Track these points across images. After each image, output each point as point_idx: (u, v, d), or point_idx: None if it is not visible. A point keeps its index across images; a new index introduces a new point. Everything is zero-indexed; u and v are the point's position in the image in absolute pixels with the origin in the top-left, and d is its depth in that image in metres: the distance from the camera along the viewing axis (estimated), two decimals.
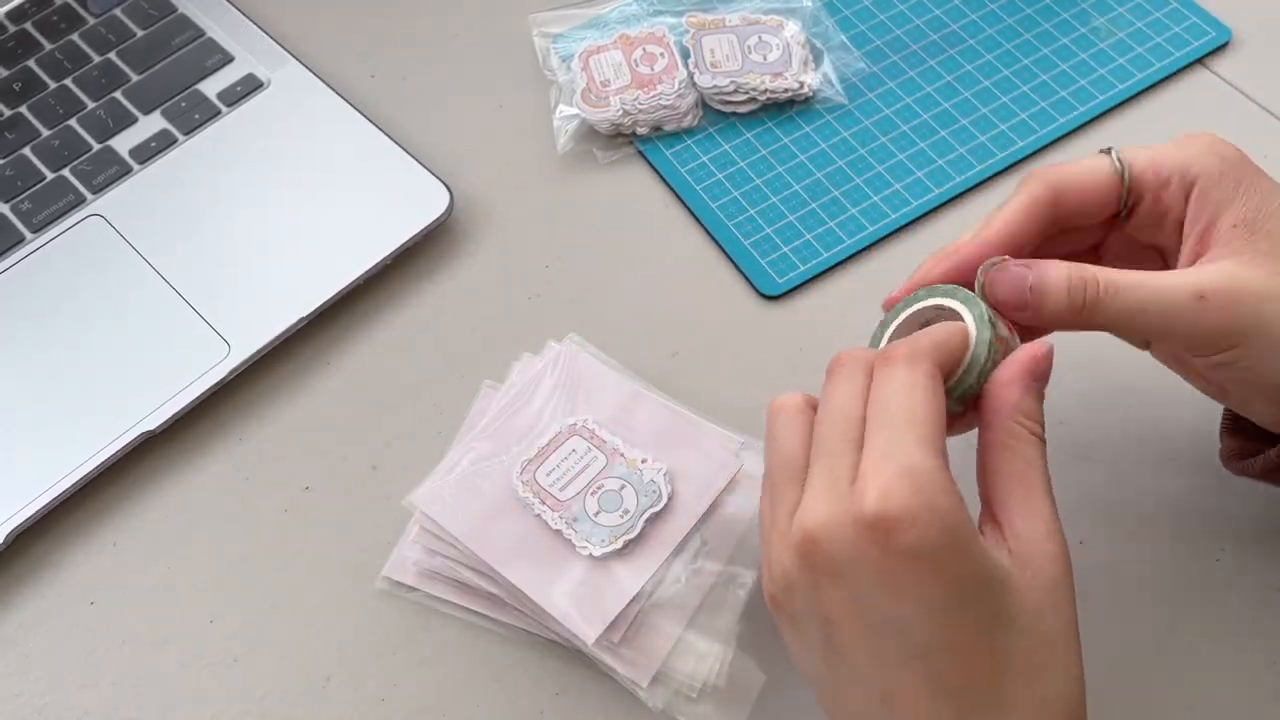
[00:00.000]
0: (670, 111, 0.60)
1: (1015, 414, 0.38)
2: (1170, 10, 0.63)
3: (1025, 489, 0.37)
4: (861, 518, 0.34)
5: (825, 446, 0.37)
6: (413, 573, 0.49)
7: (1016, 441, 0.38)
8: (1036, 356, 0.39)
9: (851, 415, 0.37)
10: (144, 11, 0.65)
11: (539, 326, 0.55)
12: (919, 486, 0.34)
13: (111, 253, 0.57)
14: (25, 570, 0.51)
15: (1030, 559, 0.36)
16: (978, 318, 0.40)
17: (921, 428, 0.36)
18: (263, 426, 0.54)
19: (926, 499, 0.34)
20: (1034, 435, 0.38)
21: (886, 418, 0.36)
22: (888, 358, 0.38)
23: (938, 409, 0.37)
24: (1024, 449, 0.38)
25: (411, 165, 0.59)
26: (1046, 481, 0.38)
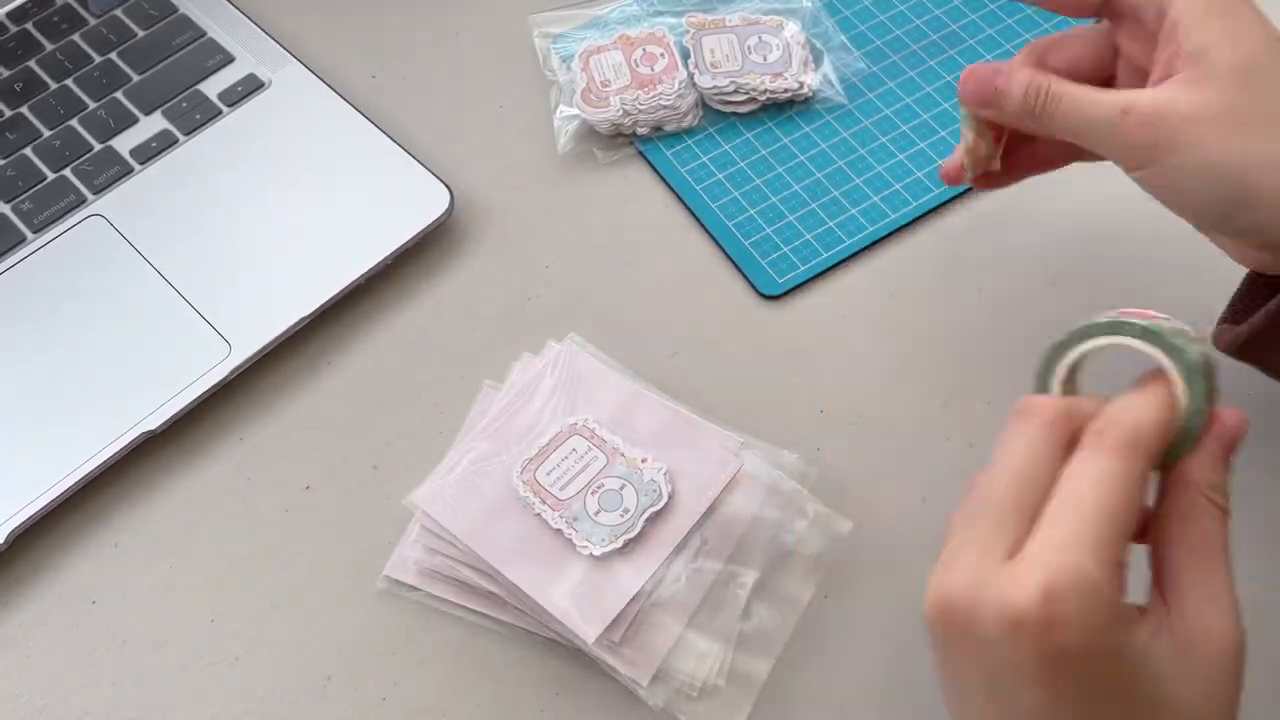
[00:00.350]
0: (670, 112, 0.60)
1: (1200, 484, 0.36)
2: None
3: (1202, 565, 0.35)
4: (1018, 609, 0.32)
5: (992, 505, 0.35)
6: (413, 572, 0.49)
7: (1199, 514, 0.35)
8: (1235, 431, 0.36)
9: (1031, 480, 0.35)
10: (145, 12, 0.65)
11: (539, 326, 0.55)
12: (1085, 589, 0.32)
13: (112, 253, 0.57)
14: (26, 570, 0.51)
15: (1195, 645, 0.34)
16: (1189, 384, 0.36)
17: (1109, 528, 0.33)
18: (263, 426, 0.54)
19: (1090, 605, 0.32)
20: (1219, 508, 0.36)
21: (1074, 505, 0.34)
22: (1100, 440, 0.35)
23: (1130, 511, 0.34)
24: (1206, 523, 0.35)
25: (411, 165, 0.59)
26: (1226, 562, 0.35)
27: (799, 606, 0.48)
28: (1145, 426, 0.35)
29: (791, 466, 0.50)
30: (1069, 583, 0.32)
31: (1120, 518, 0.33)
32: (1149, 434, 0.35)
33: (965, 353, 0.54)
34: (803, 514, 0.49)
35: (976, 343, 0.54)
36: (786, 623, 0.48)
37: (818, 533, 0.49)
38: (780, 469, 0.49)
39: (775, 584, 0.48)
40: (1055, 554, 0.33)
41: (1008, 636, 0.33)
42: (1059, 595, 0.32)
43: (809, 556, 0.49)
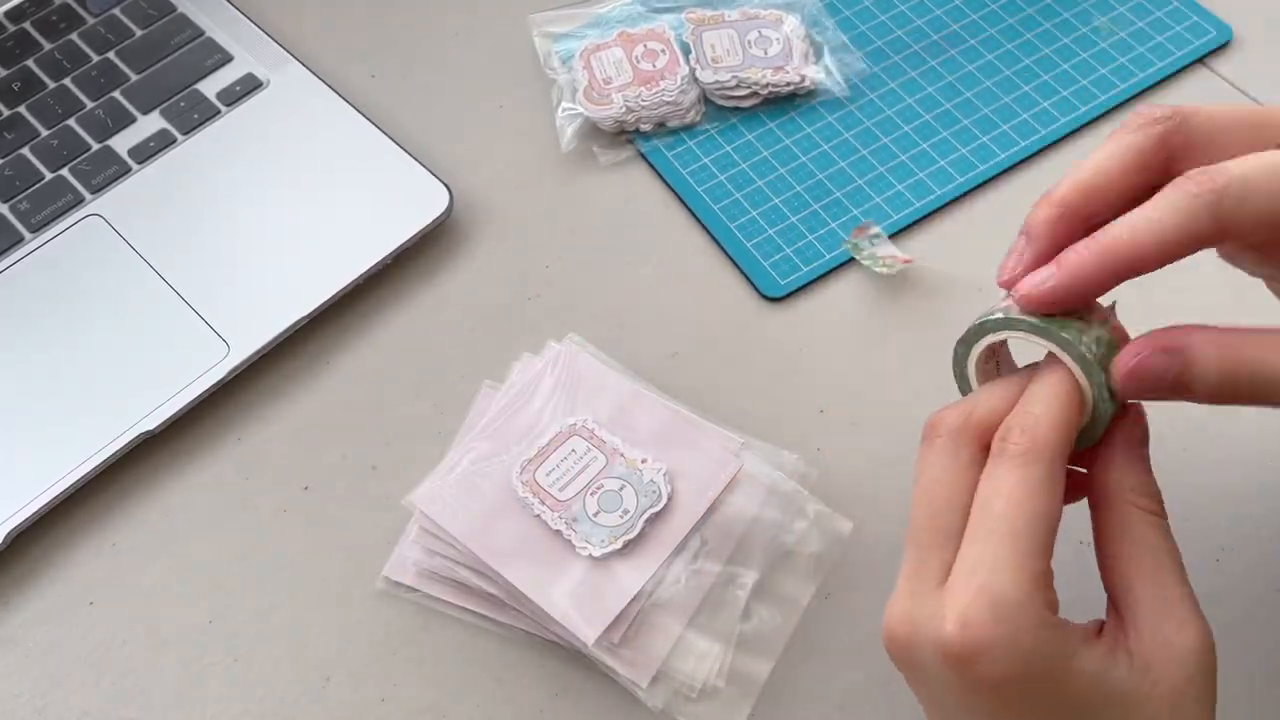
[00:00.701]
0: (673, 108, 0.60)
1: (1124, 494, 0.35)
2: (1171, 9, 0.63)
3: (1148, 577, 0.34)
4: (940, 640, 0.32)
5: (916, 534, 0.35)
6: (412, 573, 0.49)
7: (1132, 525, 0.34)
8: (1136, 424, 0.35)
9: (945, 501, 0.34)
10: (143, 11, 0.65)
11: (539, 326, 0.55)
12: (1004, 617, 0.32)
13: (111, 253, 0.57)
14: (25, 570, 0.51)
15: (1154, 662, 0.33)
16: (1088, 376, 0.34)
17: (1022, 543, 0.32)
18: (262, 427, 0.54)
19: (1008, 631, 0.32)
20: (1150, 513, 0.35)
21: (987, 524, 0.33)
22: (1003, 450, 0.34)
23: (1048, 516, 0.33)
24: (1141, 531, 0.34)
25: (411, 165, 0.59)
26: (1174, 565, 0.34)
27: (799, 606, 0.48)
28: (1044, 428, 0.34)
29: (791, 466, 0.50)
30: (984, 609, 0.32)
31: (1034, 529, 0.33)
32: (1049, 435, 0.34)
33: None
34: (803, 514, 0.49)
35: None
36: (786, 623, 0.48)
37: (818, 533, 0.49)
38: (780, 469, 0.49)
39: (775, 584, 0.48)
40: (970, 579, 0.32)
41: (941, 667, 0.33)
42: (975, 622, 0.32)
43: (809, 556, 0.49)
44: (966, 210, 0.58)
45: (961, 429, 0.35)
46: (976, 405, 0.36)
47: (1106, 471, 0.35)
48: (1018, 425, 0.34)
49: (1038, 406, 0.35)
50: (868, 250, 0.56)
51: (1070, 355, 0.35)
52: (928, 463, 0.36)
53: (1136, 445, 0.35)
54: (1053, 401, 0.34)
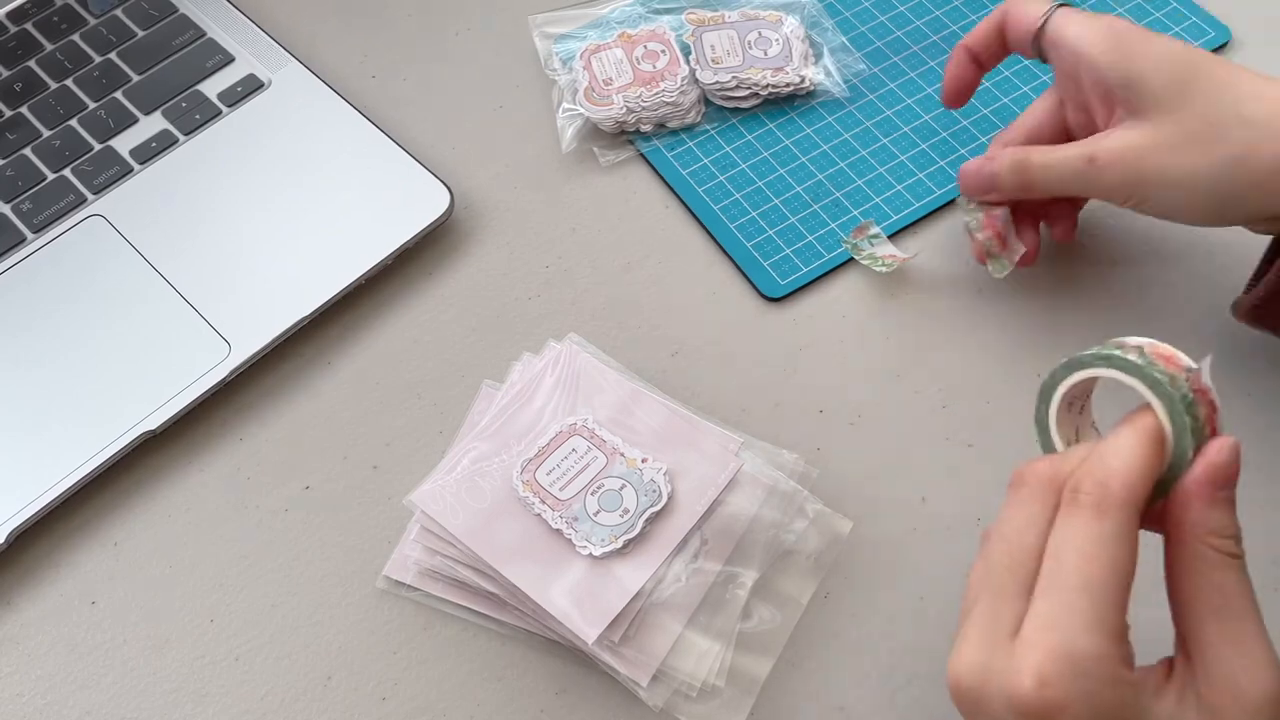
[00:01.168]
0: (673, 108, 0.60)
1: (1202, 534, 0.34)
2: (1170, 10, 0.63)
3: (1219, 620, 0.33)
4: (1014, 696, 0.32)
5: (993, 581, 0.35)
6: (413, 572, 0.49)
7: (1206, 566, 0.34)
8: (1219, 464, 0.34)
9: (1025, 551, 0.34)
10: (144, 12, 0.65)
11: (539, 326, 0.55)
12: (1081, 672, 0.32)
13: (112, 253, 0.57)
14: (26, 570, 0.51)
15: (1222, 709, 0.32)
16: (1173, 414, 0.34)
17: (1096, 598, 0.32)
18: (263, 426, 0.54)
19: (1085, 689, 0.32)
20: (1228, 555, 0.34)
21: (1060, 576, 0.33)
22: (1074, 498, 0.34)
23: (1122, 570, 0.33)
24: (1216, 574, 0.34)
25: (411, 165, 0.59)
26: (1250, 608, 0.33)
27: (799, 606, 0.48)
28: (1118, 478, 0.34)
29: (791, 466, 0.50)
30: (1062, 665, 0.32)
31: (1109, 582, 0.33)
32: (1124, 485, 0.34)
33: (965, 353, 0.54)
34: (803, 514, 0.49)
35: (976, 343, 0.54)
36: (786, 623, 0.48)
37: (818, 533, 0.49)
38: (780, 469, 0.49)
39: (775, 584, 0.48)
40: (1046, 634, 0.32)
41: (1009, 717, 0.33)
42: (1053, 680, 0.32)
43: (809, 556, 0.49)
44: None
45: (1050, 480, 0.35)
46: (1066, 462, 0.36)
47: (1186, 510, 0.34)
48: (1090, 476, 0.34)
49: (1114, 458, 0.34)
50: (867, 250, 0.56)
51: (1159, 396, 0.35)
52: (1011, 513, 0.36)
53: (1215, 484, 0.35)
54: (1131, 451, 0.34)
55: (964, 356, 0.54)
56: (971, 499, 0.50)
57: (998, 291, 0.56)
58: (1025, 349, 0.54)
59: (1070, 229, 0.54)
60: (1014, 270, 0.53)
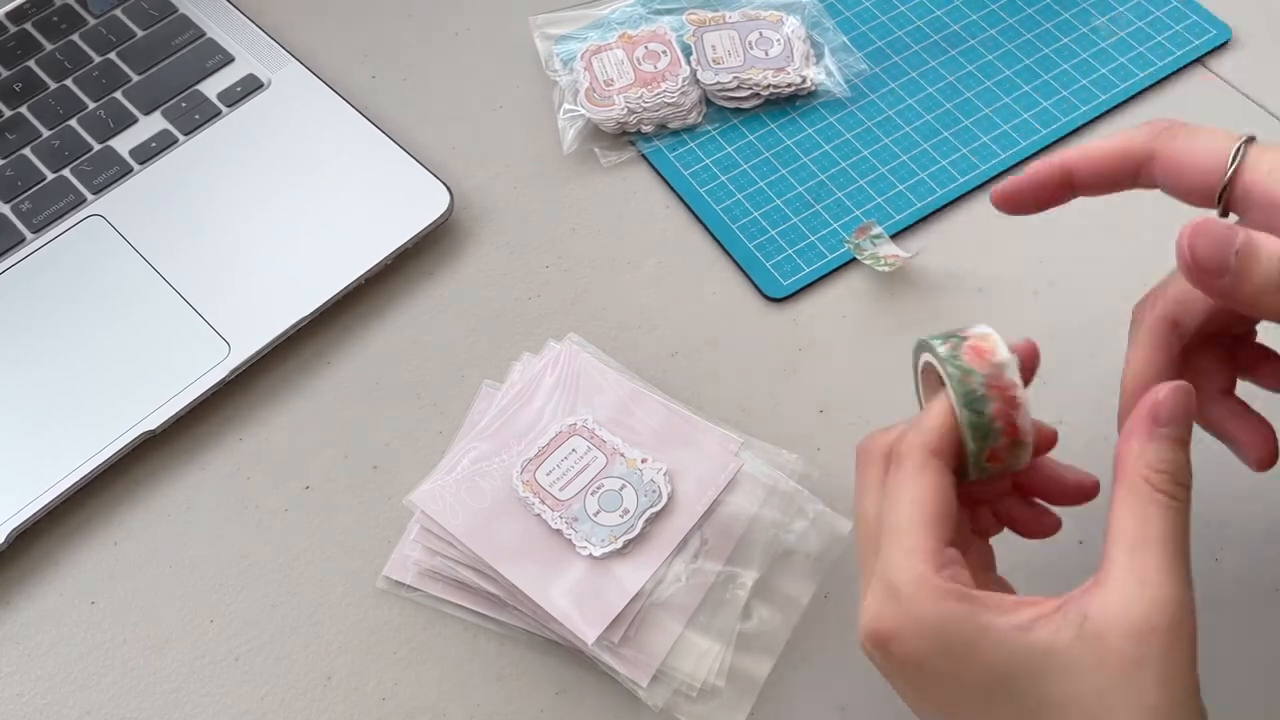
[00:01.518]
0: (674, 109, 0.60)
1: (1139, 466, 0.34)
2: (1170, 9, 0.63)
3: (1130, 549, 0.33)
4: (864, 636, 0.35)
5: (859, 553, 0.38)
6: (413, 572, 0.49)
7: (1135, 498, 0.34)
8: (1159, 400, 0.35)
9: (869, 519, 0.37)
10: (144, 12, 0.65)
11: (539, 326, 0.55)
12: (897, 599, 0.34)
13: (112, 253, 0.57)
14: (26, 570, 0.51)
15: (1106, 633, 0.32)
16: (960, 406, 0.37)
17: (908, 531, 0.35)
18: (263, 427, 0.54)
19: (905, 611, 0.34)
20: (1160, 490, 0.34)
21: (884, 528, 0.36)
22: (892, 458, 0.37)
23: (926, 506, 0.35)
24: (1143, 507, 0.34)
25: (411, 165, 0.59)
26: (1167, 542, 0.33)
27: (799, 606, 0.48)
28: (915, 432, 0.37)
29: (791, 466, 0.50)
30: (884, 596, 0.35)
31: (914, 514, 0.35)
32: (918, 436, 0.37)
33: None
34: (803, 514, 0.49)
35: None
36: (786, 623, 0.48)
37: (818, 533, 0.49)
38: (780, 469, 0.49)
39: (775, 584, 0.48)
40: (877, 576, 0.35)
41: (876, 657, 0.36)
42: (880, 611, 0.35)
43: (809, 556, 0.49)
44: (967, 210, 0.58)
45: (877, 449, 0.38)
46: (889, 431, 0.39)
47: (1127, 444, 0.35)
48: (902, 440, 0.37)
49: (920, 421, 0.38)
50: (869, 250, 0.56)
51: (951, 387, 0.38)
52: (858, 483, 0.39)
53: (1163, 422, 0.35)
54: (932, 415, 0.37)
55: None
56: None
57: (998, 291, 0.56)
58: None
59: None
60: (1015, 270, 0.53)
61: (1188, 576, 0.33)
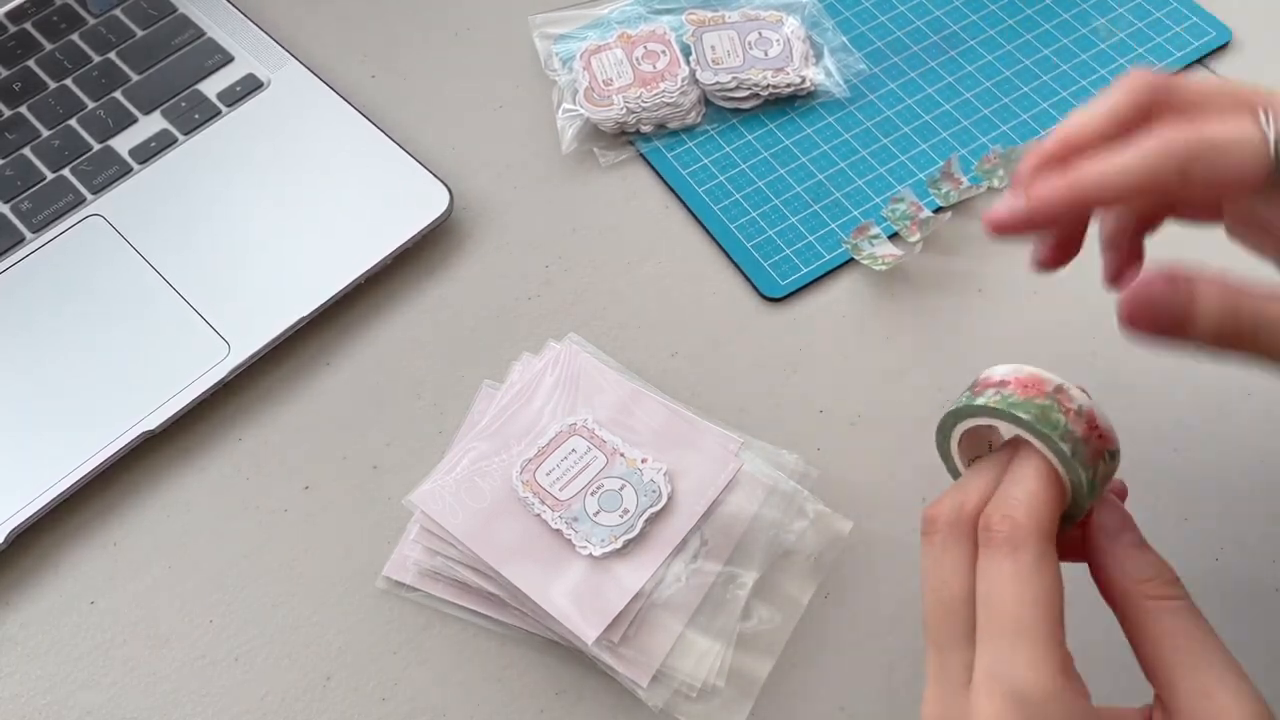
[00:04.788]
0: (674, 109, 0.60)
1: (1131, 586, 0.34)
2: (1170, 10, 0.63)
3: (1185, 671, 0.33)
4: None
5: (931, 636, 0.35)
6: (413, 572, 0.49)
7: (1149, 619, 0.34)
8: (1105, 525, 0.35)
9: (954, 599, 0.34)
10: (144, 11, 0.65)
11: (539, 326, 0.55)
12: (1033, 715, 0.32)
13: (111, 253, 0.57)
14: (26, 570, 0.51)
15: None
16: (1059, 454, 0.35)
17: (1032, 636, 0.32)
18: (263, 426, 0.54)
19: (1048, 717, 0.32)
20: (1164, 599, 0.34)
21: (995, 625, 0.33)
22: (989, 540, 0.34)
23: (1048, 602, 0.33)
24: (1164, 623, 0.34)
25: (411, 165, 0.59)
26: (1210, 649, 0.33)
27: (799, 606, 0.48)
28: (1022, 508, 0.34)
29: (791, 466, 0.50)
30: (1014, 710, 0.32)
31: (1039, 617, 0.33)
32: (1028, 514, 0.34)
33: (965, 353, 0.54)
34: (803, 514, 0.49)
35: (977, 343, 0.54)
36: (786, 623, 0.48)
37: (818, 533, 0.49)
38: (780, 469, 0.49)
39: (775, 584, 0.48)
40: (994, 683, 0.32)
41: None
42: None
43: (809, 556, 0.49)
44: (966, 211, 0.58)
45: (956, 522, 0.35)
46: (968, 496, 0.36)
47: (1111, 566, 0.35)
48: (998, 512, 0.34)
49: (1016, 489, 0.35)
50: (867, 250, 0.56)
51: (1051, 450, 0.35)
52: (931, 560, 0.36)
53: (1121, 531, 0.35)
54: (1030, 481, 0.35)
55: (964, 356, 0.54)
56: None
57: (998, 291, 0.56)
58: (1026, 349, 0.54)
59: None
60: (1015, 270, 0.53)
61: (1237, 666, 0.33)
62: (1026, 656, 0.32)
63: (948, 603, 0.34)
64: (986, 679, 0.33)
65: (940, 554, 0.35)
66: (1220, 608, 0.47)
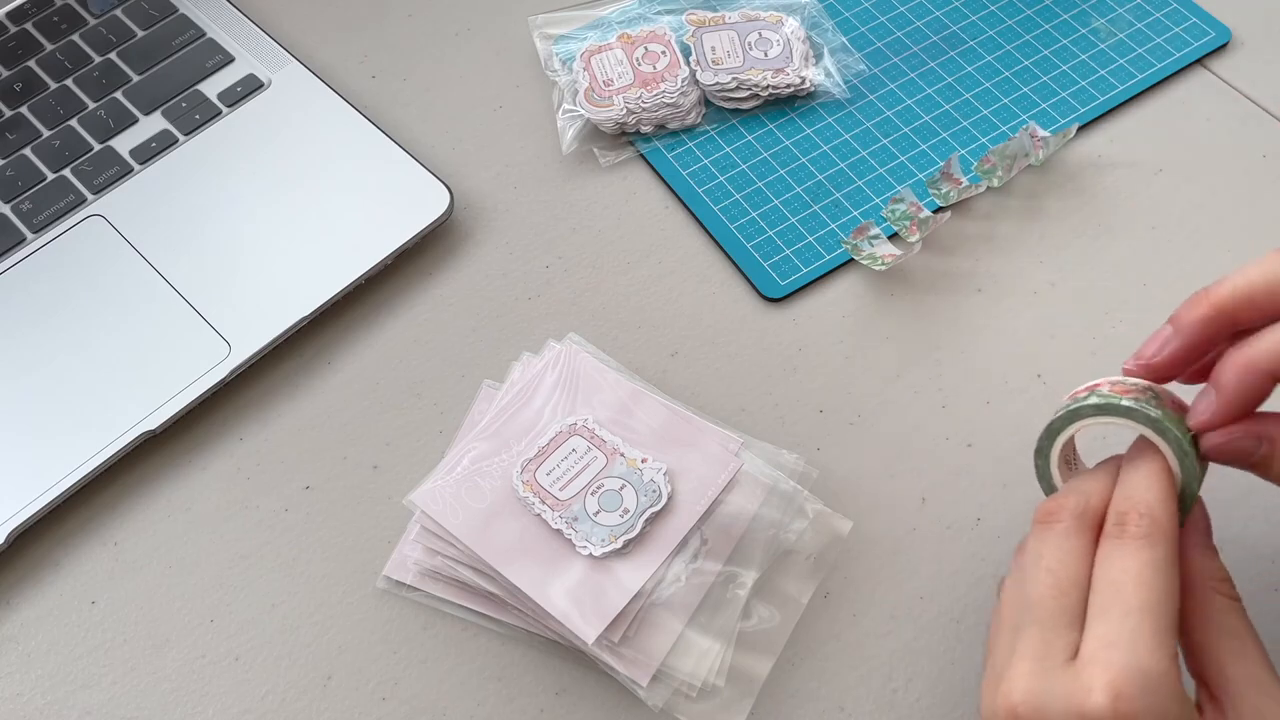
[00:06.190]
0: (673, 109, 0.60)
1: (1207, 581, 0.37)
2: (1170, 11, 0.63)
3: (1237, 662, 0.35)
4: (1084, 712, 0.33)
5: (1038, 614, 0.36)
6: (413, 572, 0.49)
7: (1219, 613, 0.36)
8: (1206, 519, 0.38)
9: (1071, 581, 0.36)
10: (144, 12, 0.65)
11: (539, 326, 0.55)
12: (1152, 688, 0.33)
13: (112, 253, 0.57)
14: (26, 570, 0.51)
15: None
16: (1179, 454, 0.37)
17: (1159, 620, 0.34)
18: (263, 426, 0.54)
19: (1158, 702, 0.33)
20: (1231, 599, 0.37)
21: (1121, 601, 0.34)
22: (1124, 533, 0.36)
23: (1174, 595, 0.35)
24: (1226, 617, 0.36)
25: (411, 165, 0.59)
26: (1260, 647, 0.36)
27: (799, 606, 0.48)
28: (1159, 509, 0.36)
29: (791, 466, 0.50)
30: (1135, 681, 0.33)
31: (1166, 607, 0.34)
32: (1164, 516, 0.36)
33: (965, 353, 0.54)
34: (803, 514, 0.49)
35: (976, 343, 0.54)
36: (786, 623, 0.48)
37: (818, 533, 0.49)
38: (780, 469, 0.50)
39: (775, 584, 0.48)
40: (1116, 653, 0.33)
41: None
42: (1128, 695, 0.33)
43: (809, 556, 0.49)
44: (966, 211, 0.58)
45: (1083, 514, 0.37)
46: (1091, 494, 0.38)
47: (1189, 561, 0.37)
48: (1134, 509, 0.36)
49: (1148, 490, 0.37)
50: (867, 251, 0.56)
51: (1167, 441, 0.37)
52: (1051, 545, 0.37)
53: (1208, 534, 0.38)
54: (1160, 485, 0.37)
55: (964, 356, 0.54)
56: (971, 499, 0.50)
57: (998, 291, 0.56)
58: (1025, 349, 0.54)
59: None
60: (1015, 270, 0.53)
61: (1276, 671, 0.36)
62: (1150, 635, 0.33)
63: (1063, 583, 0.36)
64: (1106, 649, 0.34)
65: (1062, 540, 0.37)
66: None
